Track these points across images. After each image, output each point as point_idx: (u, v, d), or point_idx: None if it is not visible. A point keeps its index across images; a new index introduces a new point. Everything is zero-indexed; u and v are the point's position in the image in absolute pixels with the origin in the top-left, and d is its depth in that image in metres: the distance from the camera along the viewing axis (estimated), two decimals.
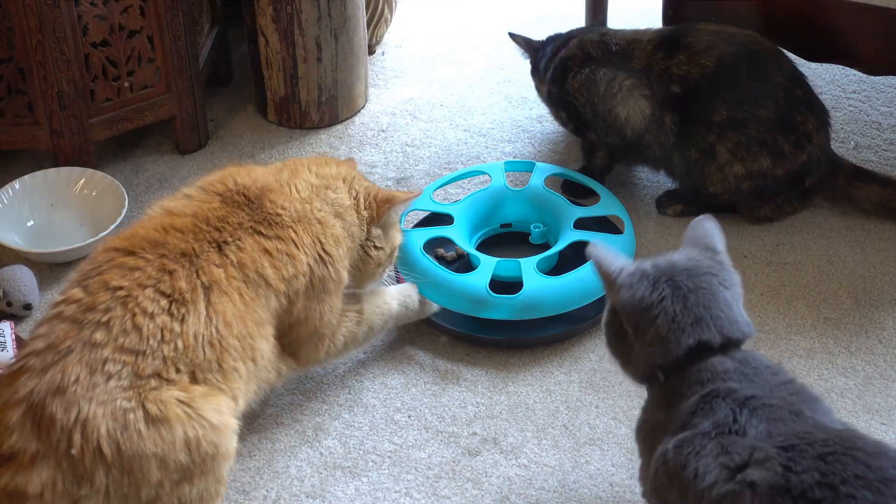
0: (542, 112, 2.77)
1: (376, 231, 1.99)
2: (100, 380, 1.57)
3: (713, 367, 1.53)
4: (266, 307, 1.78)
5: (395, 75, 3.01)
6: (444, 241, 2.33)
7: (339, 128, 2.82)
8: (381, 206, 1.97)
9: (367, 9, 2.91)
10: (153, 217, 1.80)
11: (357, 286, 2.01)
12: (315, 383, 2.11)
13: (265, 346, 1.79)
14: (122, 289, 1.65)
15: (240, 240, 1.77)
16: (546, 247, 2.32)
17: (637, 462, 1.68)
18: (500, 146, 2.73)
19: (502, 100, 2.90)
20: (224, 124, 2.83)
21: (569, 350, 2.17)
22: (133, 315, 1.63)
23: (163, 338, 1.63)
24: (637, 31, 2.47)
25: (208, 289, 1.70)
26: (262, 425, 2.02)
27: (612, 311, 1.64)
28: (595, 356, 2.15)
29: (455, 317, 2.18)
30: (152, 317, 1.64)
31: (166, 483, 1.59)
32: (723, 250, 1.64)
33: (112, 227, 2.37)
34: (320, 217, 1.88)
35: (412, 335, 2.21)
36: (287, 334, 1.86)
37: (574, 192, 2.48)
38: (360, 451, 1.98)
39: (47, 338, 1.61)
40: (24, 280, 2.26)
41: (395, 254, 2.07)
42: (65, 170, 2.51)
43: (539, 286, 2.14)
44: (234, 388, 1.72)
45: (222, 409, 1.66)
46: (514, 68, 2.95)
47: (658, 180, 2.59)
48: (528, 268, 2.17)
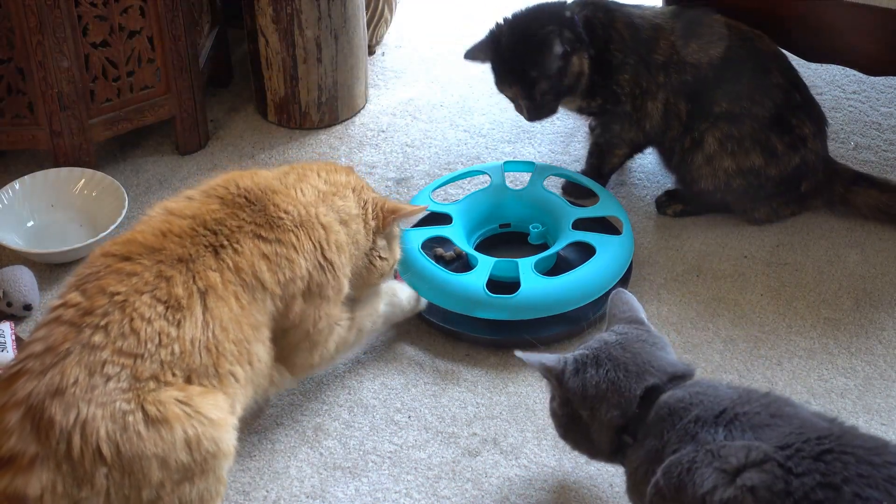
0: None
1: (381, 242, 2.00)
2: (99, 381, 1.57)
3: (667, 402, 1.60)
4: (263, 310, 1.78)
5: (395, 75, 3.01)
6: (443, 241, 2.33)
7: (339, 128, 2.82)
8: (387, 216, 1.98)
9: (367, 9, 2.91)
10: (153, 219, 1.80)
11: (356, 294, 2.02)
12: (315, 383, 2.11)
13: (261, 350, 1.79)
14: (119, 294, 1.65)
15: (237, 242, 1.77)
16: (545, 247, 2.32)
17: None
18: (500, 146, 2.73)
19: (502, 100, 2.88)
20: (224, 124, 2.84)
21: (569, 350, 2.16)
22: (131, 319, 1.63)
23: (160, 342, 1.63)
24: (655, 13, 2.43)
25: (204, 294, 1.70)
26: (262, 426, 2.02)
27: (563, 403, 1.73)
28: None
29: (452, 316, 2.18)
30: (150, 322, 1.64)
31: (167, 483, 1.59)
32: (645, 320, 1.77)
33: (112, 227, 2.37)
34: (325, 222, 1.88)
35: (412, 335, 2.21)
36: (281, 339, 1.86)
37: (574, 193, 2.48)
38: (360, 452, 1.98)
39: (45, 340, 1.61)
40: (24, 280, 2.26)
41: (395, 266, 2.07)
42: (65, 170, 2.51)
43: (536, 286, 2.14)
44: (230, 392, 1.72)
45: (220, 405, 1.67)
46: None
47: (658, 180, 2.59)
48: (525, 268, 2.17)
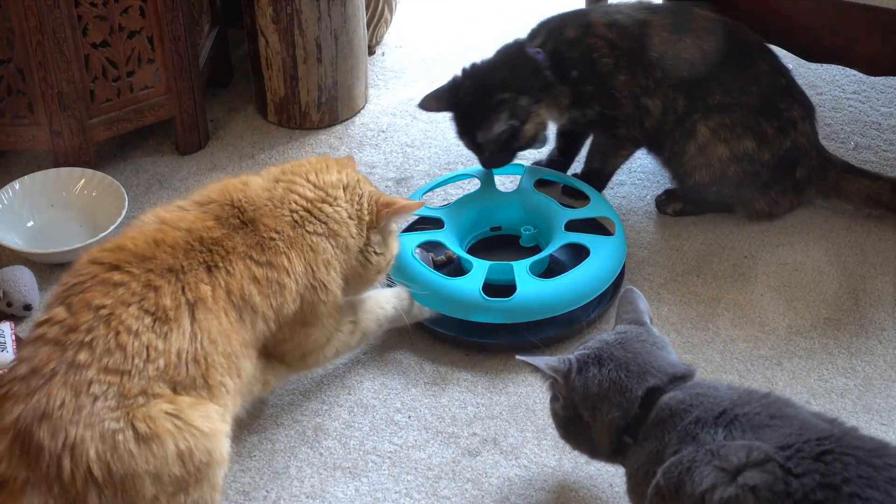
0: None
1: (376, 237, 1.96)
2: (86, 402, 1.55)
3: (668, 403, 1.60)
4: (252, 331, 1.76)
5: (395, 75, 3.01)
6: (435, 245, 2.32)
7: (339, 128, 2.82)
8: (381, 210, 1.95)
9: (367, 9, 2.91)
10: (145, 226, 1.77)
11: (355, 293, 2.00)
12: (315, 383, 2.11)
13: (248, 366, 1.77)
14: (104, 307, 1.62)
15: (230, 264, 1.75)
16: (536, 249, 2.31)
17: None
18: None
19: None
20: (224, 124, 2.84)
21: (569, 350, 2.16)
22: (117, 334, 1.60)
23: (148, 356, 1.61)
24: (635, 8, 2.42)
25: (193, 305, 1.68)
26: (261, 426, 2.02)
27: (565, 404, 1.72)
28: None
29: (448, 321, 2.18)
30: (137, 335, 1.61)
31: (162, 497, 1.57)
32: (647, 321, 1.77)
33: (112, 227, 2.37)
34: (313, 243, 1.84)
35: (412, 336, 2.21)
36: (274, 348, 1.85)
37: (574, 194, 2.48)
38: (360, 452, 1.98)
39: (30, 362, 1.59)
40: (24, 280, 2.26)
41: (392, 262, 2.05)
42: (65, 170, 2.51)
43: (532, 289, 2.14)
44: (221, 403, 1.70)
45: (211, 415, 1.64)
46: None
47: (658, 180, 2.59)
48: (520, 271, 2.17)
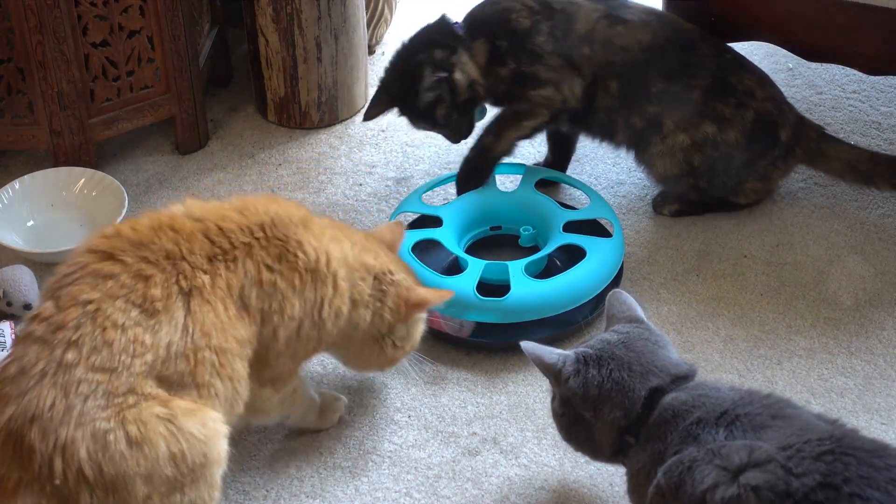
0: None
1: (401, 330, 1.91)
2: (76, 402, 1.53)
3: (670, 403, 1.59)
4: (248, 330, 1.71)
5: None
6: (432, 244, 2.31)
7: (339, 128, 2.82)
8: (410, 310, 1.89)
9: (367, 9, 2.91)
10: (157, 213, 1.74)
11: (358, 367, 2.00)
12: (315, 383, 2.11)
13: (241, 369, 1.70)
14: (91, 302, 1.60)
15: (235, 260, 1.71)
16: (536, 250, 2.31)
17: None
18: None
19: None
20: (224, 124, 2.84)
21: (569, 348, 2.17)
22: (103, 330, 1.58)
23: (134, 352, 1.58)
24: None
25: (188, 294, 1.64)
26: (261, 425, 2.02)
27: (563, 403, 1.71)
28: None
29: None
30: (123, 329, 1.58)
31: (155, 496, 1.56)
32: (644, 318, 1.75)
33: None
34: (339, 284, 1.79)
35: None
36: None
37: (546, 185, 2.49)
38: (360, 451, 1.98)
39: (20, 361, 1.57)
40: (24, 280, 2.26)
41: (408, 354, 1.98)
42: (65, 170, 2.51)
43: (527, 289, 2.14)
44: (213, 406, 1.65)
45: (207, 422, 1.61)
46: None
47: None
48: (516, 271, 2.17)
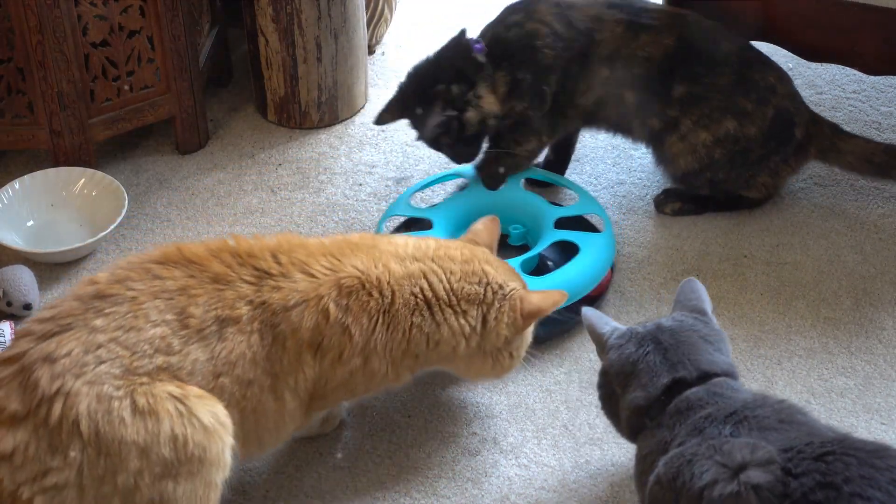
0: None
1: (517, 341, 1.88)
2: (90, 360, 1.56)
3: (688, 398, 1.61)
4: (294, 361, 1.69)
5: (395, 75, 3.01)
6: None
7: (339, 127, 2.82)
8: (526, 322, 1.85)
9: (367, 9, 2.91)
10: (232, 238, 1.75)
11: (473, 377, 1.94)
12: None
13: (270, 402, 1.69)
14: (135, 291, 1.65)
15: (288, 278, 1.70)
16: (525, 248, 2.31)
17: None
18: None
19: None
20: (224, 124, 2.84)
21: (569, 350, 2.17)
22: (135, 316, 1.62)
23: (158, 348, 1.61)
24: (590, 4, 2.37)
25: (224, 322, 1.66)
26: None
27: (603, 374, 1.76)
28: (595, 356, 2.14)
29: None
30: (154, 324, 1.62)
31: (146, 474, 1.55)
32: (709, 311, 1.77)
33: (112, 227, 2.37)
34: (406, 332, 1.76)
35: None
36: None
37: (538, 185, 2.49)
38: (360, 451, 1.98)
39: (55, 308, 1.63)
40: (24, 280, 2.26)
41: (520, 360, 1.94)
42: (65, 170, 2.51)
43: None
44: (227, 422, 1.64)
45: (218, 413, 1.61)
46: None
47: (658, 179, 2.59)
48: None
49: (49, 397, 1.53)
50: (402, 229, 2.38)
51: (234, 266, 1.71)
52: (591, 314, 1.78)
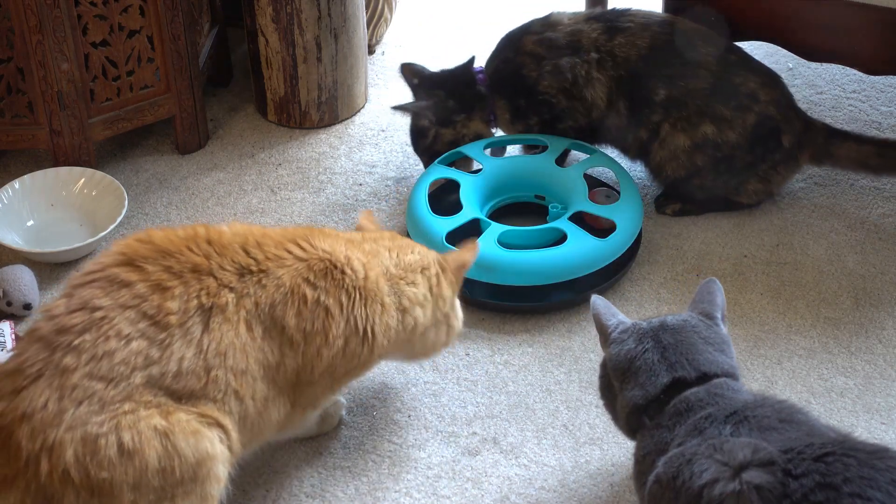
0: None
1: (455, 303, 1.97)
2: (68, 405, 1.52)
3: (688, 398, 1.61)
4: (277, 353, 1.69)
5: (395, 75, 3.00)
6: (451, 183, 2.42)
7: (339, 127, 2.82)
8: (457, 274, 1.95)
9: (367, 9, 2.91)
10: (200, 225, 1.73)
11: (427, 354, 1.99)
12: None
13: (262, 389, 1.68)
14: (100, 309, 1.58)
15: (266, 273, 1.69)
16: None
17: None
18: None
19: None
20: (224, 124, 2.84)
21: (569, 350, 2.17)
22: (106, 339, 1.56)
23: (136, 364, 1.56)
24: (574, 19, 2.49)
25: (209, 311, 1.63)
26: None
27: (603, 367, 1.76)
28: (595, 356, 2.15)
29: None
30: (128, 341, 1.57)
31: (142, 503, 1.55)
32: (719, 315, 1.75)
33: (112, 227, 2.37)
34: (385, 302, 1.80)
35: None
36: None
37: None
38: (360, 451, 1.98)
39: (19, 358, 1.57)
40: (24, 280, 2.26)
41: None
42: (65, 170, 2.51)
43: (490, 251, 2.20)
44: (224, 424, 1.63)
45: (204, 447, 1.58)
46: None
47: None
48: (488, 237, 2.23)
49: (35, 455, 1.50)
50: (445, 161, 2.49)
51: (212, 255, 1.67)
52: (599, 303, 1.77)
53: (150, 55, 2.55)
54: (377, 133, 2.79)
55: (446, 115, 2.51)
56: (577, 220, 2.30)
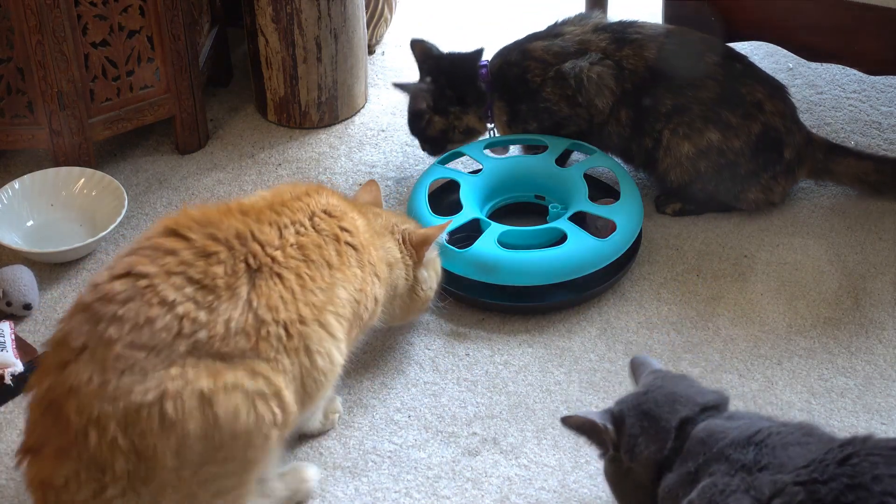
0: None
1: (423, 274, 2.06)
2: (111, 377, 1.56)
3: (704, 429, 1.59)
4: (330, 291, 1.76)
5: (395, 75, 3.01)
6: (452, 184, 2.43)
7: (338, 127, 2.82)
8: (418, 249, 2.04)
9: (367, 9, 2.91)
10: (223, 201, 1.81)
11: (402, 320, 2.11)
12: None
13: (317, 332, 1.72)
14: (145, 276, 1.62)
15: (304, 226, 1.78)
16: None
17: None
18: None
19: None
20: (224, 124, 2.84)
21: (569, 350, 2.17)
22: (149, 306, 1.59)
23: (180, 330, 1.59)
24: (582, 28, 2.50)
25: (257, 270, 1.68)
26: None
27: (612, 459, 1.69)
28: (595, 356, 2.15)
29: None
30: (171, 307, 1.60)
31: (186, 468, 1.59)
32: (659, 368, 1.77)
33: (112, 226, 2.37)
34: (380, 273, 1.92)
35: (412, 335, 2.21)
36: None
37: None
38: (360, 451, 1.98)
39: (65, 329, 1.62)
40: (24, 280, 2.26)
41: (436, 288, 2.13)
42: (64, 170, 2.51)
43: (488, 249, 2.21)
44: (275, 383, 1.65)
45: (241, 413, 1.60)
46: None
47: None
48: (491, 235, 2.24)
49: (83, 428, 1.56)
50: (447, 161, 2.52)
51: (250, 221, 1.73)
52: (572, 419, 1.70)
53: (150, 55, 2.55)
54: (377, 133, 2.79)
55: (443, 103, 2.52)
56: (577, 220, 2.30)
